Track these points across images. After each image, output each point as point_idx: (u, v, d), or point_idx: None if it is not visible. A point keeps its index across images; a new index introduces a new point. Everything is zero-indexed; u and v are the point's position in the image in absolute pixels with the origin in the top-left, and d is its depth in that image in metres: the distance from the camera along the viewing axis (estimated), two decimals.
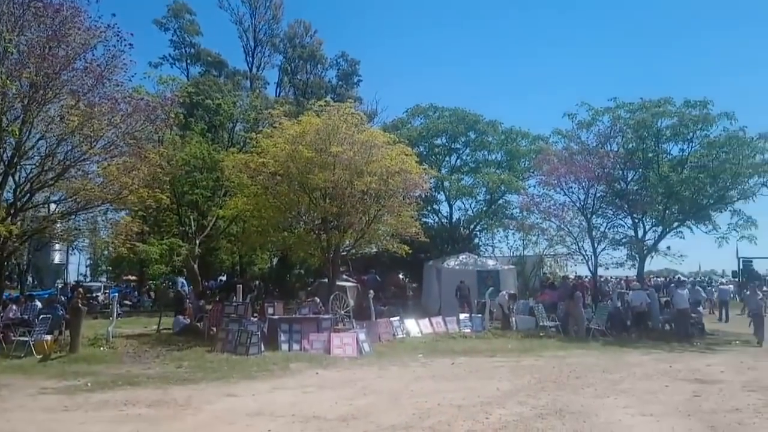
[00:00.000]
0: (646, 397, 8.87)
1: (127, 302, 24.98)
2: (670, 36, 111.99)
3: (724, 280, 38.70)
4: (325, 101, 17.37)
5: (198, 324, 15.65)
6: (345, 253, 18.55)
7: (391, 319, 16.44)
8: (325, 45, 38.85)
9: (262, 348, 12.90)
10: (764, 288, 27.83)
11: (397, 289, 23.24)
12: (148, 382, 9.88)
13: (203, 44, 36.64)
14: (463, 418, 7.53)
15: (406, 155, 16.59)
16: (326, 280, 17.86)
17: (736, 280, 40.00)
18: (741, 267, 43.13)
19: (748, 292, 20.11)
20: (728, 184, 18.51)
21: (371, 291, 18.14)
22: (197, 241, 21.40)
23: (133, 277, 33.52)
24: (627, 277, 30.31)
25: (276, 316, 14.66)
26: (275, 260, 30.73)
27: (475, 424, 7.22)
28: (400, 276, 25.72)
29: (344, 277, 21.04)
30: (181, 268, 22.60)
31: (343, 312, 15.63)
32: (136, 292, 28.85)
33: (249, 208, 17.53)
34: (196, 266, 20.93)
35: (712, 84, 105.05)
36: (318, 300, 16.35)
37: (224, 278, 32.27)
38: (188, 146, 21.60)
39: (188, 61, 36.65)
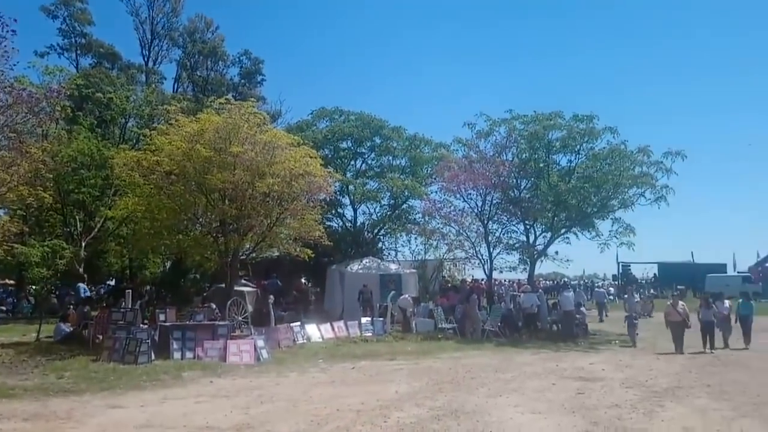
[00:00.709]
0: (535, 396, 9.30)
1: (1, 308, 22.85)
2: (564, 52, 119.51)
3: (599, 283, 41.59)
4: (226, 99, 16.81)
5: (83, 332, 14.60)
6: (244, 257, 18.03)
7: (292, 324, 16.18)
8: (227, 43, 37.80)
9: (153, 356, 12.22)
10: (650, 291, 30.40)
11: (299, 294, 22.94)
12: (25, 395, 9.06)
13: (95, 35, 34.59)
14: (361, 422, 7.51)
15: (311, 158, 16.41)
16: (223, 285, 17.26)
17: (616, 283, 43.31)
18: (620, 271, 46.90)
19: (626, 296, 21.78)
20: (610, 193, 19.83)
21: (271, 296, 17.77)
22: (83, 243, 19.94)
23: (11, 281, 30.71)
24: (519, 280, 31.85)
25: (168, 323, 13.96)
26: (168, 264, 29.36)
27: (374, 428, 7.23)
28: (303, 280, 25.45)
29: (243, 281, 20.46)
30: (66, 272, 21.00)
31: (240, 318, 15.16)
32: (12, 298, 26.40)
33: (141, 209, 16.52)
34: (81, 270, 19.50)
35: (598, 99, 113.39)
36: (214, 306, 15.74)
37: (113, 283, 30.39)
38: (75, 142, 20.15)
39: (78, 52, 34.41)
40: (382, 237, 28.41)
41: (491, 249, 22.12)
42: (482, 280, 23.96)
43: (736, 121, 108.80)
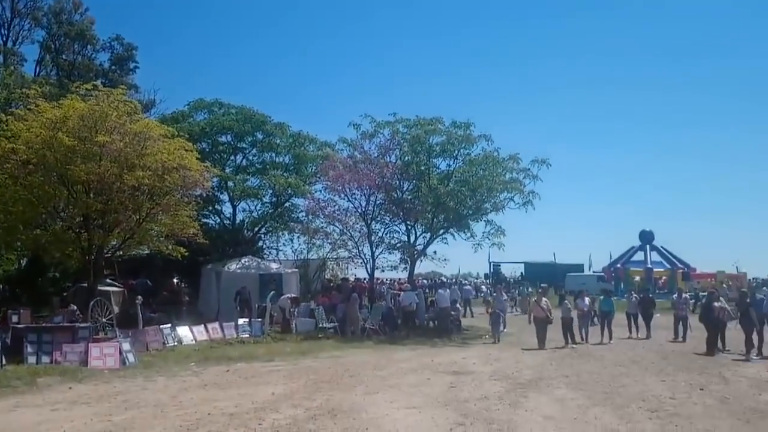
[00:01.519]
0: (411, 391, 9.50)
1: None
2: (445, 62, 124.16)
3: (466, 281, 43.72)
4: (93, 84, 15.60)
5: None
6: (110, 254, 16.78)
7: (162, 326, 15.32)
8: (98, 27, 34.93)
9: (3, 361, 11.20)
10: (524, 290, 32.31)
11: (171, 295, 21.73)
12: None
13: None
14: (234, 426, 7.24)
15: (186, 150, 15.65)
16: (86, 284, 15.95)
17: (488, 281, 45.81)
18: (492, 270, 49.75)
19: (494, 293, 23.04)
20: (484, 197, 20.87)
21: (140, 297, 16.69)
22: None
23: None
24: (399, 279, 32.60)
25: (22, 325, 12.74)
26: (24, 261, 26.58)
27: (247, 431, 7.00)
28: (175, 280, 24.15)
29: (108, 281, 19.02)
30: None
31: (105, 320, 14.13)
32: None
33: None
34: None
35: (474, 107, 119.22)
36: (75, 307, 14.50)
37: None
38: None
39: None
40: (262, 235, 27.79)
41: (374, 248, 22.44)
42: (364, 279, 24.20)
43: (595, 130, 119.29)
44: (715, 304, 15.14)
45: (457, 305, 20.58)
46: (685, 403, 8.69)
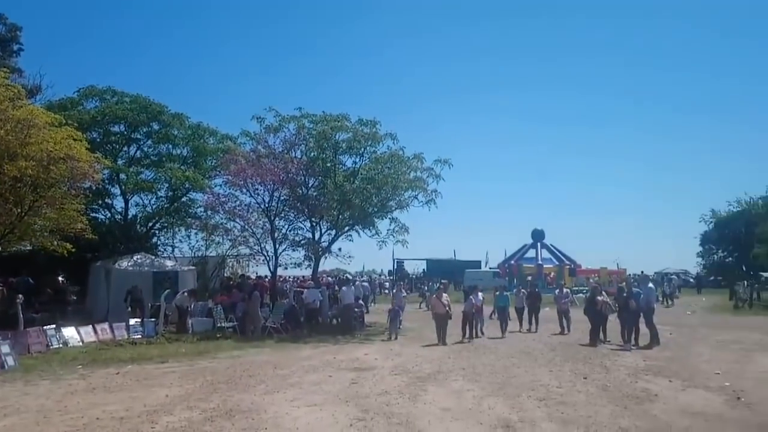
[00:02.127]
0: (312, 388, 9.47)
1: None
2: (350, 57, 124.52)
3: (364, 278, 44.25)
4: None
5: None
6: None
7: (45, 327, 14.24)
8: None
9: None
10: (434, 286, 32.97)
11: (56, 294, 20.21)
12: None
13: None
14: (125, 430, 6.91)
15: (75, 140, 14.66)
16: None
17: (391, 278, 46.60)
18: (395, 267, 50.65)
19: (395, 290, 23.44)
20: (389, 195, 21.16)
21: (20, 296, 15.37)
22: None
23: None
24: (303, 276, 32.36)
25: None
26: None
27: None
28: (60, 278, 22.50)
29: None
30: None
31: None
32: None
33: None
34: None
35: (381, 107, 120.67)
36: None
37: None
38: None
39: None
40: (157, 231, 26.43)
41: (277, 245, 22.08)
42: (266, 277, 23.76)
43: (493, 131, 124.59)
44: (598, 298, 16.30)
45: (361, 302, 20.72)
46: (570, 391, 9.30)
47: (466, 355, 13.55)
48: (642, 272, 37.44)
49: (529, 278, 35.29)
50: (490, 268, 49.01)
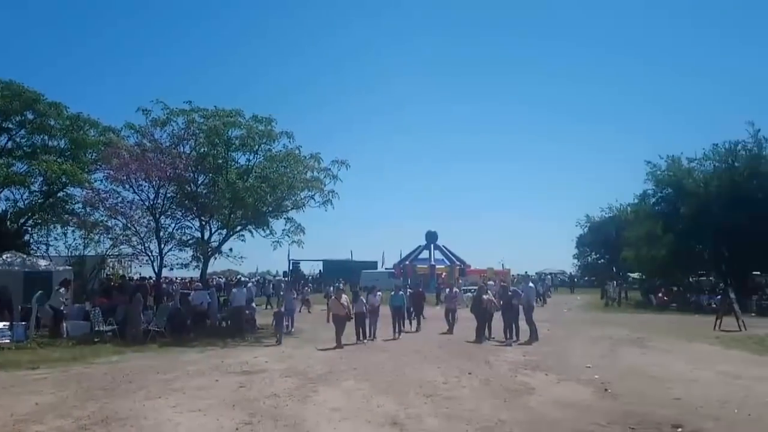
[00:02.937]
0: (197, 394, 9.09)
1: None
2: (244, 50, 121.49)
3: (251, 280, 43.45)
4: None
5: None
6: None
7: None
8: None
9: None
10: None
11: None
12: None
13: None
14: None
15: None
16: None
17: (287, 278, 45.97)
18: (291, 267, 50.07)
19: (283, 293, 23.11)
20: (284, 194, 20.72)
21: None
22: None
23: None
24: (191, 278, 31.04)
25: None
26: None
27: None
28: None
29: None
30: None
31: None
32: None
33: None
34: None
35: (279, 106, 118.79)
36: None
37: None
38: None
39: None
40: (30, 229, 24.32)
41: (162, 245, 21.02)
42: (150, 278, 22.52)
43: (384, 140, 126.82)
44: (484, 297, 17.05)
45: (253, 304, 20.18)
46: (455, 386, 9.63)
47: (359, 355, 13.65)
48: (526, 272, 39.71)
49: (399, 279, 36.20)
50: (386, 269, 49.77)
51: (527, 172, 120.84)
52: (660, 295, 32.27)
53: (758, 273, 36.10)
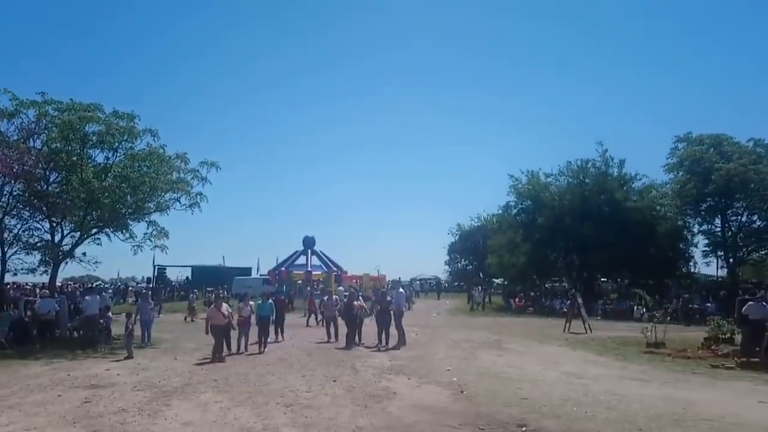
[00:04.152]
0: (35, 410, 8.33)
1: None
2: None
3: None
4: None
5: None
6: None
7: None
8: None
9: None
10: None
11: None
12: None
13: None
14: None
15: None
16: None
17: (150, 285, 43.38)
18: (156, 273, 47.31)
19: (139, 301, 21.65)
20: (146, 196, 19.46)
21: None
22: None
23: None
24: (43, 284, 28.31)
25: None
26: None
27: None
28: None
29: None
30: None
31: None
32: None
33: None
34: None
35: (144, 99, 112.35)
36: None
37: None
38: None
39: None
40: None
41: (6, 248, 19.01)
42: None
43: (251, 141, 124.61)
44: (355, 302, 17.19)
45: (109, 313, 18.71)
46: (318, 395, 9.59)
47: (221, 365, 13.09)
48: (399, 278, 40.60)
49: (274, 286, 35.68)
50: (260, 275, 48.63)
51: (405, 181, 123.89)
52: (518, 299, 34.54)
53: (604, 280, 40.03)
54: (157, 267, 46.45)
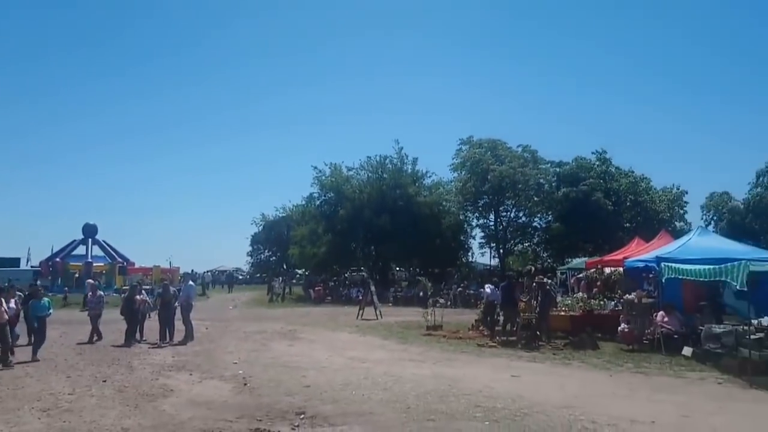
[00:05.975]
0: None
1: None
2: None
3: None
4: None
5: None
6: None
7: None
8: None
9: None
10: None
11: None
12: None
13: None
14: None
15: None
16: None
17: None
18: None
19: None
20: None
21: None
22: None
23: None
24: None
25: None
26: None
27: None
28: None
29: None
30: None
31: None
32: None
33: None
34: None
35: None
36: None
37: None
38: None
39: None
40: None
41: None
42: None
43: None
44: (137, 297, 15.93)
45: None
46: (82, 397, 8.70)
47: None
48: (193, 270, 38.86)
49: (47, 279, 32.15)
50: (31, 267, 42.77)
51: (210, 172, 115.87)
52: (318, 289, 35.18)
53: (399, 269, 42.65)
54: None
